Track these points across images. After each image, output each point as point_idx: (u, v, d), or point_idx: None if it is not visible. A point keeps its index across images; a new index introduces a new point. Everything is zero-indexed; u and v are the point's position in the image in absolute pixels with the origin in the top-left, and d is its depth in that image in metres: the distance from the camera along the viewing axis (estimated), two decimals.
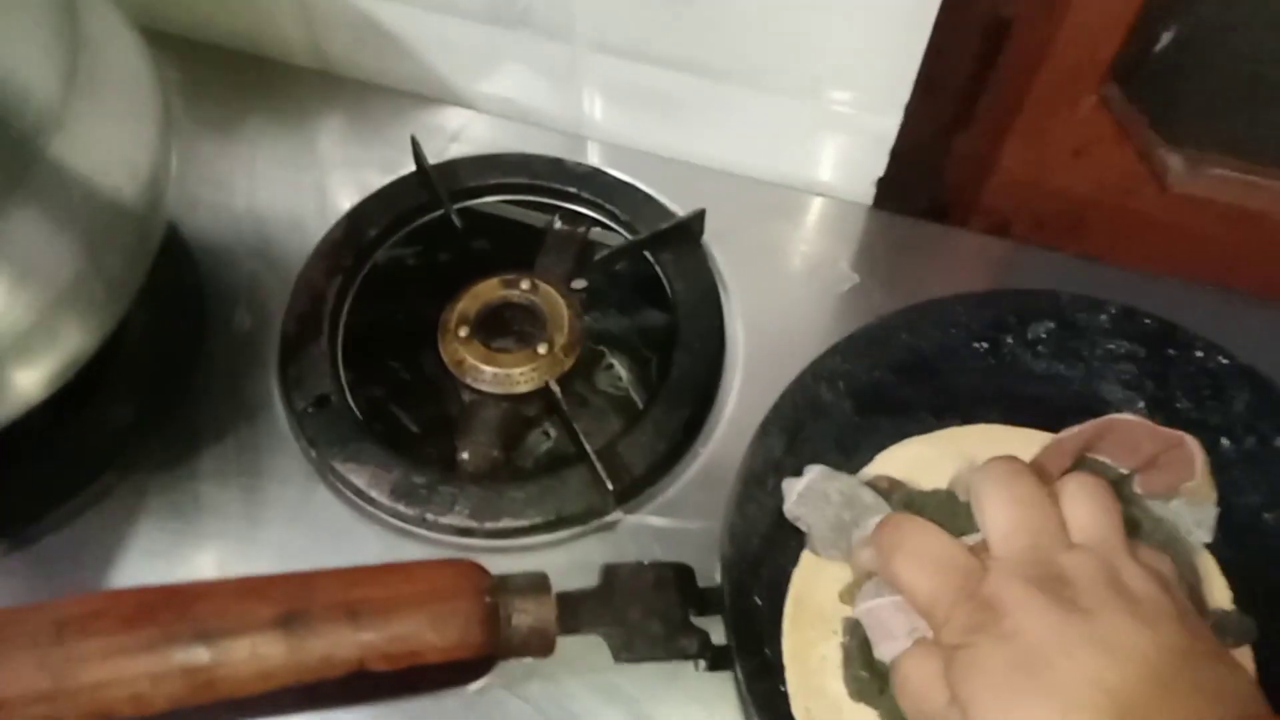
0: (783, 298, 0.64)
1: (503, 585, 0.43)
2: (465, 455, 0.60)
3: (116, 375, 0.58)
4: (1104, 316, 0.56)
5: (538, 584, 0.44)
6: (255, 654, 0.38)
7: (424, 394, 0.64)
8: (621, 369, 0.74)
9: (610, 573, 0.46)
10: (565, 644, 0.47)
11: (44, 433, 0.56)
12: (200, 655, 0.37)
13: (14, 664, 0.36)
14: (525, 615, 0.42)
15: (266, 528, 0.56)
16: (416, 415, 0.64)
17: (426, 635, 0.40)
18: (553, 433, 0.68)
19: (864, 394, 0.55)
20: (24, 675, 0.36)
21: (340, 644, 0.39)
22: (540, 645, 0.43)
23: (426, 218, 0.67)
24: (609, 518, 0.57)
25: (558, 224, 0.67)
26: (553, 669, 0.51)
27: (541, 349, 0.61)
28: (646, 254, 0.65)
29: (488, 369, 0.60)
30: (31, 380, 0.47)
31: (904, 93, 0.62)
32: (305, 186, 0.68)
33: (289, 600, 0.39)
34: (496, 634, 0.42)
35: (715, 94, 0.65)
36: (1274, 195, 0.69)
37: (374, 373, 0.63)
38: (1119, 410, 0.54)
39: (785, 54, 0.62)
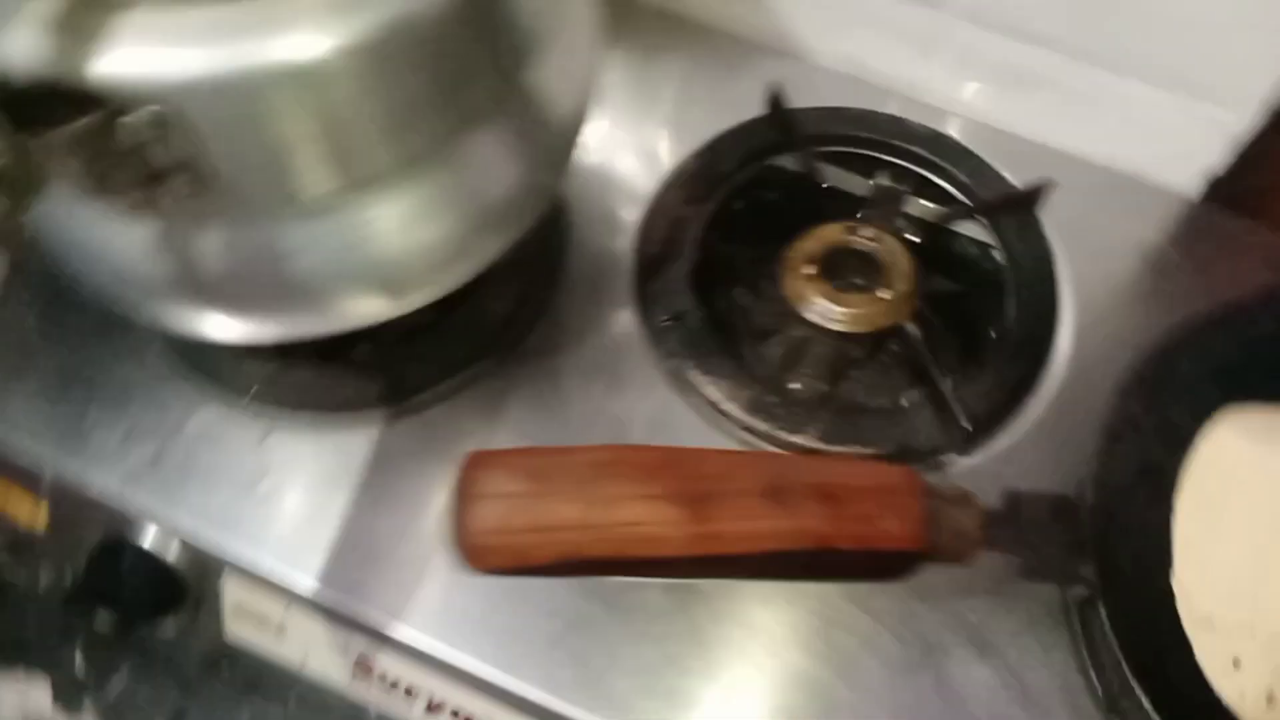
0: (1113, 278, 0.67)
1: (935, 491, 0.46)
2: (796, 386, 0.64)
3: (495, 277, 0.63)
4: None
5: (964, 496, 0.47)
6: (746, 516, 0.42)
7: (762, 325, 0.68)
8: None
9: (1012, 497, 0.49)
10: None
11: (433, 320, 0.61)
12: (706, 510, 0.41)
13: (559, 497, 0.41)
14: (954, 521, 0.46)
15: (624, 428, 0.61)
16: (753, 344, 0.68)
17: (885, 523, 0.43)
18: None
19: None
20: (564, 507, 0.40)
21: (814, 519, 0.42)
22: (965, 550, 0.46)
23: (773, 160, 0.70)
24: (943, 457, 0.60)
25: (888, 181, 0.71)
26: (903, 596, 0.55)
27: (883, 294, 0.64)
28: (979, 218, 0.68)
29: (834, 307, 0.63)
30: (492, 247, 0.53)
31: (1262, 94, 0.64)
32: (656, 122, 0.73)
33: (772, 474, 0.43)
34: (933, 534, 0.45)
35: (1076, 75, 0.68)
36: None
37: (718, 299, 0.67)
38: None
39: (1153, 41, 0.64)
